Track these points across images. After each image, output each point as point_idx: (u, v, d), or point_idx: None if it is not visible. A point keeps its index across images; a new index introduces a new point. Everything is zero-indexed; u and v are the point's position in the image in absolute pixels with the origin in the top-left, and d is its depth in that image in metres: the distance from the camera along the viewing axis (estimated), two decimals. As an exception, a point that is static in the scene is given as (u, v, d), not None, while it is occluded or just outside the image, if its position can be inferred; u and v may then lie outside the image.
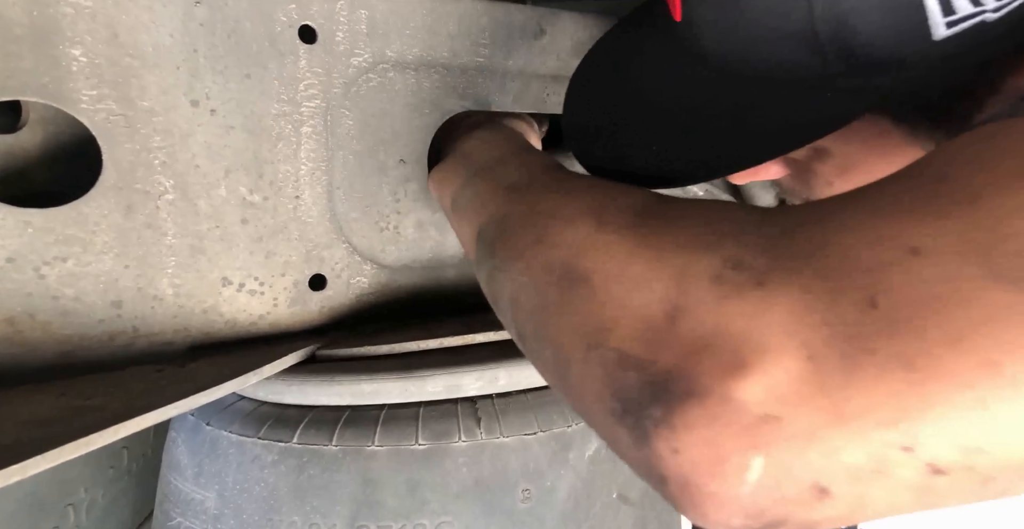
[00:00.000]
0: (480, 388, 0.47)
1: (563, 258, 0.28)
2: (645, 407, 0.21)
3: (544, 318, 0.28)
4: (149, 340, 0.44)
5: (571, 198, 0.33)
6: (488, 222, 0.36)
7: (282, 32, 0.45)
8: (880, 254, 0.20)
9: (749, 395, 0.20)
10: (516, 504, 0.44)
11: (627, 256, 0.26)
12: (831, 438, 0.19)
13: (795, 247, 0.22)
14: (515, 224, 0.34)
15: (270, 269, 0.48)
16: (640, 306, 0.23)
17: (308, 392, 0.46)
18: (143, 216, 0.43)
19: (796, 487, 0.20)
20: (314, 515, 0.43)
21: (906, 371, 0.19)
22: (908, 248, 0.20)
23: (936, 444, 0.19)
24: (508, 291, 0.32)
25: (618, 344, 0.23)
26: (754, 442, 0.20)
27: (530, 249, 0.30)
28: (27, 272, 0.40)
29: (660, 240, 0.25)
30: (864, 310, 0.19)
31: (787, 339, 0.20)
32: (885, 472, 0.19)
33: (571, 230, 0.29)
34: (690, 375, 0.21)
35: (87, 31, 0.39)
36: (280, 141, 0.47)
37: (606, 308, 0.25)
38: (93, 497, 0.62)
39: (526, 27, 0.54)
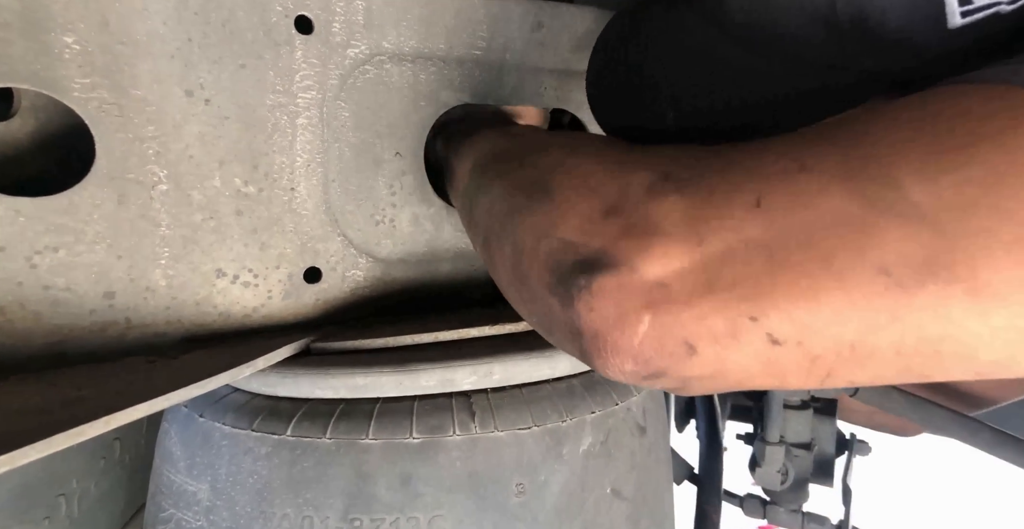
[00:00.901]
0: (474, 382, 0.46)
1: (538, 175, 0.34)
2: (573, 278, 0.27)
3: (509, 218, 0.34)
4: (141, 331, 0.44)
5: (555, 137, 0.40)
6: (487, 153, 0.43)
7: (278, 22, 0.45)
8: (774, 166, 0.26)
9: (648, 267, 0.25)
10: (510, 498, 0.44)
11: (588, 173, 0.31)
12: (701, 304, 0.25)
13: (712, 162, 0.28)
14: (509, 154, 0.40)
15: (265, 261, 0.48)
16: (587, 206, 0.29)
17: (302, 385, 0.46)
18: (136, 206, 0.42)
19: (672, 342, 0.25)
20: (307, 508, 0.42)
21: (766, 259, 0.24)
22: (798, 165, 0.25)
23: (775, 318, 0.24)
24: (487, 201, 0.38)
25: (562, 234, 0.29)
26: (647, 303, 0.25)
27: (513, 171, 0.37)
28: (18, 261, 0.39)
29: (618, 162, 0.31)
30: (748, 208, 0.25)
31: (686, 227, 0.26)
32: (736, 336, 0.24)
33: (549, 155, 0.36)
34: (611, 253, 0.27)
35: (79, 18, 0.39)
36: (275, 132, 0.47)
37: (559, 209, 0.31)
38: (85, 488, 0.62)
39: (524, 20, 0.54)
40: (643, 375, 0.26)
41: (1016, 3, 0.28)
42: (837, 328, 0.23)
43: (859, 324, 0.23)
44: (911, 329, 0.23)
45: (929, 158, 0.23)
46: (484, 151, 0.44)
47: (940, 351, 0.23)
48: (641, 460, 0.53)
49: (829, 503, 1.03)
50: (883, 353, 0.23)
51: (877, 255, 0.22)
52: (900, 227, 0.22)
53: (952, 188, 0.22)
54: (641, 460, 0.53)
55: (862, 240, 0.23)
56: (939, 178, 0.22)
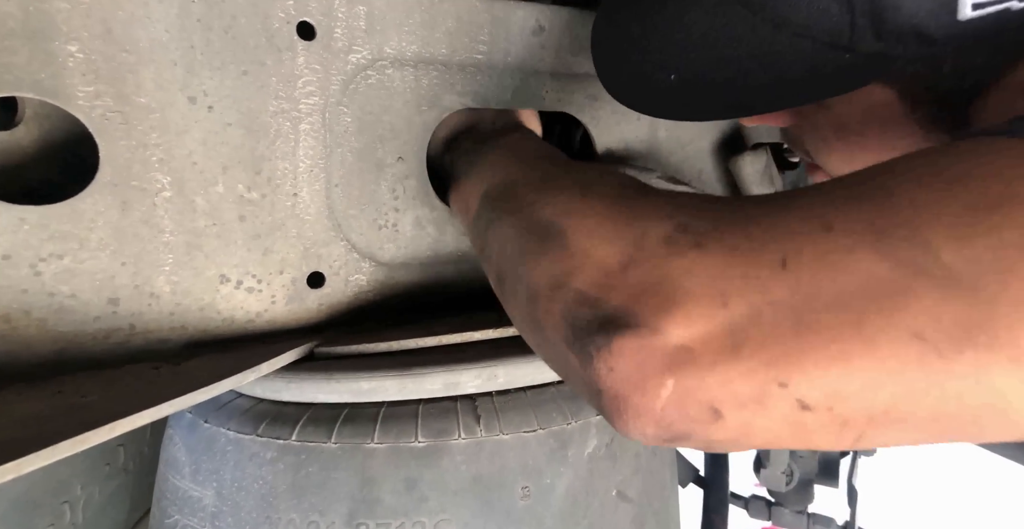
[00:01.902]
0: (479, 386, 0.46)
1: (549, 216, 0.33)
2: (592, 335, 0.26)
3: (523, 261, 0.33)
4: (146, 337, 0.44)
5: (568, 172, 0.39)
6: (496, 184, 0.42)
7: (280, 28, 0.45)
8: (799, 226, 0.25)
9: (672, 329, 0.25)
10: (515, 502, 0.44)
11: (602, 218, 0.31)
12: (727, 370, 0.24)
13: (734, 216, 0.27)
14: (519, 188, 0.39)
15: (268, 266, 0.48)
16: (602, 257, 0.29)
17: (307, 389, 0.46)
18: (140, 213, 0.43)
19: (696, 407, 0.24)
20: (312, 513, 0.42)
21: (793, 322, 0.23)
22: (823, 224, 0.24)
23: (805, 384, 0.23)
24: (499, 239, 0.37)
25: (578, 285, 0.29)
26: (670, 366, 0.24)
27: (526, 208, 0.36)
28: (23, 269, 0.39)
29: (631, 208, 0.31)
30: (774, 268, 0.24)
31: (709, 288, 0.25)
32: (764, 403, 0.23)
33: (562, 196, 0.35)
34: (631, 312, 0.26)
35: (83, 26, 0.39)
36: (278, 138, 0.47)
37: (574, 257, 0.30)
38: (89, 494, 0.62)
39: (525, 23, 0.54)
40: (666, 438, 0.26)
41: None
42: (870, 394, 0.22)
43: (893, 390, 0.22)
44: (950, 397, 0.22)
45: (962, 220, 0.22)
46: (495, 181, 0.42)
47: (980, 417, 0.22)
48: (646, 462, 0.53)
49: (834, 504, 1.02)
50: (918, 419, 0.23)
51: (910, 320, 0.21)
52: (934, 290, 0.21)
53: (989, 251, 0.21)
54: (646, 462, 0.53)
55: (894, 304, 0.22)
56: (974, 241, 0.21)
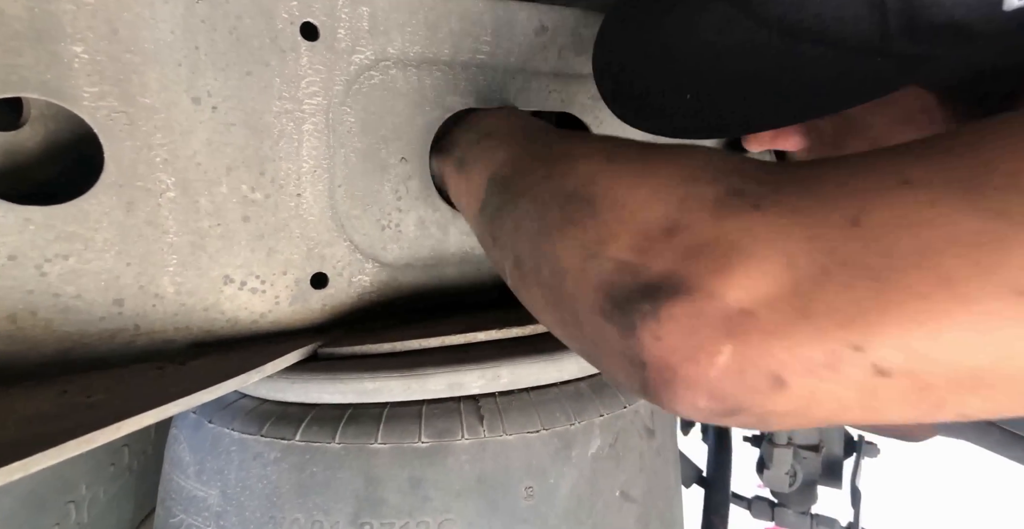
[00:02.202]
0: (482, 386, 0.46)
1: (571, 187, 0.30)
2: (635, 302, 0.24)
3: (544, 237, 0.30)
4: (150, 338, 0.44)
5: (582, 142, 0.35)
6: (498, 168, 0.38)
7: (283, 29, 0.45)
8: (871, 182, 0.22)
9: (730, 292, 0.22)
10: (519, 502, 0.44)
11: (633, 183, 0.28)
12: (794, 333, 0.22)
13: (794, 176, 0.25)
14: (525, 166, 0.36)
15: (271, 267, 0.48)
16: (641, 222, 0.26)
17: (310, 390, 0.46)
18: (144, 213, 0.43)
19: (757, 375, 0.22)
20: (317, 512, 0.42)
21: (871, 280, 0.21)
22: (900, 179, 0.22)
23: (883, 346, 0.21)
24: (512, 221, 0.34)
25: (615, 253, 0.26)
26: (728, 332, 0.22)
27: (541, 182, 0.33)
28: (28, 269, 0.40)
29: (667, 170, 0.28)
30: (845, 228, 0.22)
31: (772, 248, 0.22)
32: (836, 367, 0.21)
33: (582, 164, 0.31)
34: (680, 276, 0.24)
35: (88, 27, 0.39)
36: (282, 139, 0.47)
37: (608, 224, 0.27)
38: (94, 494, 0.62)
39: (528, 24, 0.54)
40: (718, 411, 0.24)
41: None
42: (959, 356, 0.20)
43: (989, 351, 0.20)
44: None
45: None
46: (499, 160, 0.39)
47: None
48: (650, 462, 0.53)
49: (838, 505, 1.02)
50: (1012, 382, 0.21)
51: (1011, 274, 0.19)
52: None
53: None
54: (650, 462, 0.53)
55: (991, 258, 0.20)
56: None
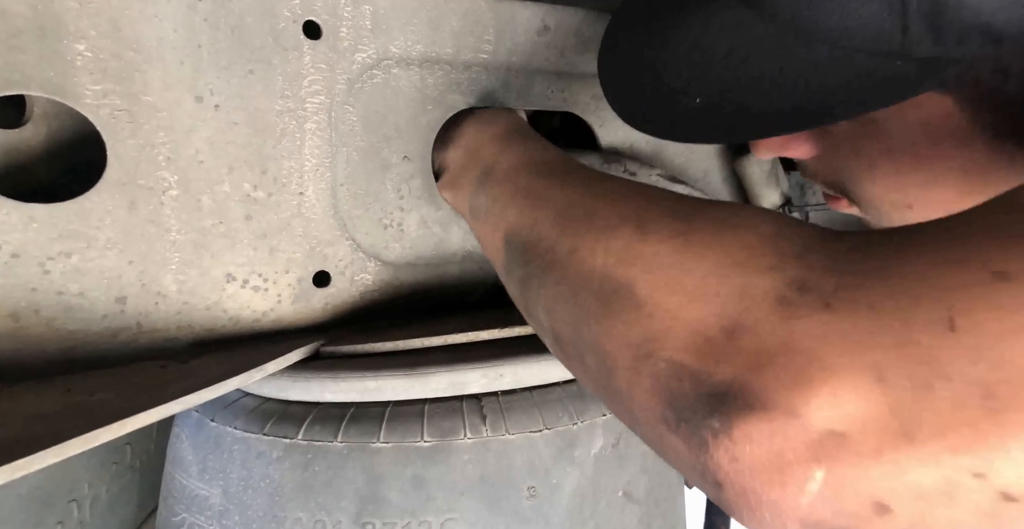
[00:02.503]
0: (485, 385, 0.46)
1: (603, 268, 0.28)
2: (703, 417, 0.22)
3: (586, 325, 0.28)
4: (152, 336, 0.44)
5: (605, 202, 0.32)
6: (516, 228, 0.36)
7: (286, 28, 0.45)
8: (960, 275, 0.19)
9: (815, 411, 0.20)
10: (521, 501, 0.44)
11: (677, 268, 0.25)
12: (898, 459, 0.19)
13: (865, 265, 0.22)
14: (547, 230, 0.33)
15: (274, 266, 0.48)
16: (695, 319, 0.23)
17: (313, 389, 0.46)
18: (147, 212, 0.43)
19: (857, 502, 0.20)
20: (319, 511, 0.42)
21: (984, 399, 0.18)
22: (992, 271, 0.19)
23: (1011, 473, 0.18)
24: (544, 300, 0.31)
25: (671, 355, 0.23)
26: (817, 456, 0.20)
27: (568, 257, 0.30)
28: (31, 267, 0.40)
29: (714, 253, 0.25)
30: (940, 332, 0.19)
31: (856, 358, 0.20)
32: (953, 495, 0.19)
33: (611, 238, 0.28)
34: (752, 388, 0.21)
35: (91, 25, 0.39)
36: (284, 137, 0.47)
37: (655, 319, 0.24)
38: (97, 493, 0.62)
39: (530, 23, 0.54)
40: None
41: None
42: None
43: None
44: None
45: None
46: (511, 219, 0.36)
47: None
48: (652, 463, 0.52)
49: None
50: None
51: None
52: None
53: None
54: (652, 463, 0.52)
55: None
56: None
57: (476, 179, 0.43)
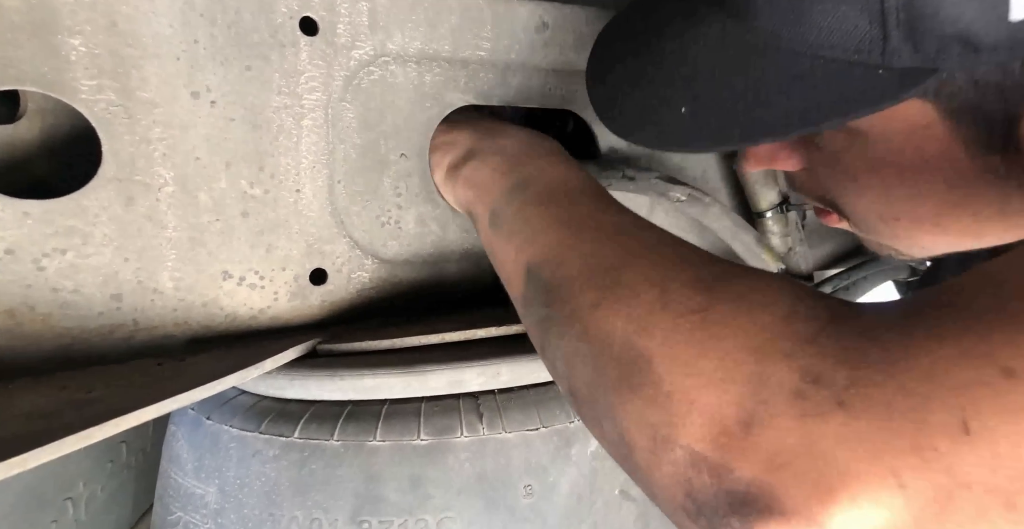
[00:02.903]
0: (482, 383, 0.46)
1: (624, 333, 0.28)
2: (723, 515, 0.22)
3: (603, 395, 0.28)
4: (149, 333, 0.44)
5: (633, 258, 0.32)
6: (541, 262, 0.36)
7: (283, 24, 0.45)
8: (969, 372, 0.20)
9: (836, 520, 0.20)
10: (518, 500, 0.44)
11: (696, 347, 0.25)
12: None
13: (875, 356, 0.22)
14: (572, 276, 0.33)
15: (271, 263, 0.48)
16: (712, 405, 0.24)
17: (310, 387, 0.45)
18: (143, 208, 0.42)
19: None
20: (316, 510, 0.42)
21: (1006, 510, 0.18)
22: (1000, 368, 0.19)
23: None
24: (563, 352, 0.32)
25: (689, 442, 0.24)
26: None
27: (589, 313, 0.30)
28: (26, 264, 0.39)
29: (732, 335, 0.25)
30: (956, 437, 0.19)
31: (875, 465, 0.20)
32: None
33: (634, 302, 0.29)
34: (772, 492, 0.21)
35: (86, 20, 0.39)
36: (281, 134, 0.47)
37: (673, 401, 0.25)
38: (92, 491, 0.62)
39: (528, 20, 0.54)
40: None
41: None
42: None
43: None
44: None
45: None
46: (540, 246, 0.36)
47: None
48: (649, 461, 0.52)
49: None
50: None
51: None
52: None
53: None
54: (649, 461, 0.52)
55: None
56: None
57: (508, 187, 0.42)
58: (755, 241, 0.65)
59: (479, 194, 0.45)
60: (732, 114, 0.35)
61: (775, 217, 0.69)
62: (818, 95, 0.32)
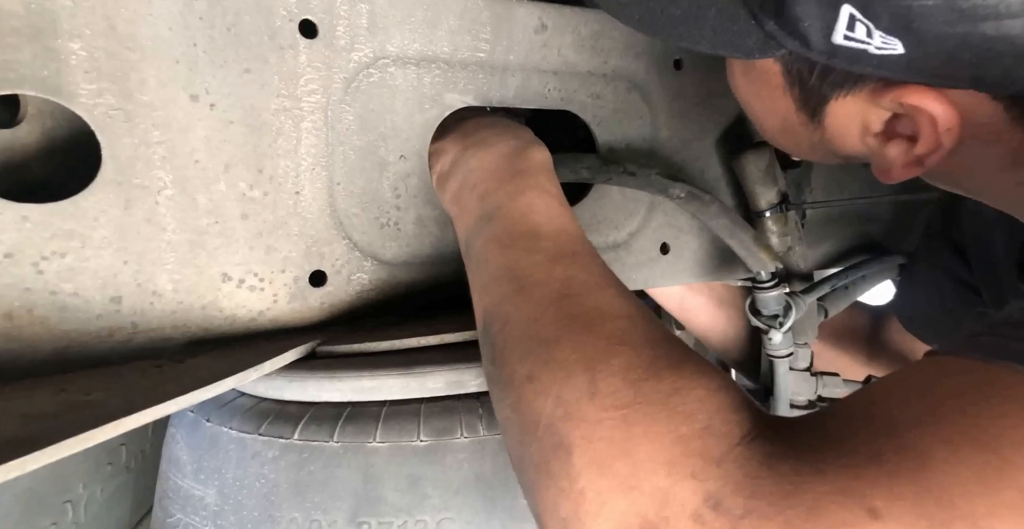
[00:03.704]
0: (481, 384, 0.46)
1: (551, 416, 0.29)
2: None
3: (525, 472, 0.30)
4: (148, 336, 0.44)
5: (570, 333, 0.33)
6: (491, 315, 0.37)
7: (282, 26, 0.45)
8: (842, 511, 0.22)
9: None
10: (517, 500, 0.44)
11: (615, 447, 0.27)
12: None
13: (769, 488, 0.24)
14: (514, 340, 0.34)
15: (270, 265, 0.48)
16: (619, 513, 0.25)
17: (309, 388, 0.46)
18: (142, 211, 0.43)
19: None
20: (315, 511, 0.42)
21: None
22: (867, 509, 0.22)
23: None
24: (500, 412, 0.34)
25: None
26: None
27: (523, 385, 0.32)
28: (25, 267, 0.39)
29: (648, 442, 0.27)
30: None
31: None
32: None
33: (564, 385, 0.30)
34: None
35: (85, 24, 0.39)
36: (280, 136, 0.47)
37: (586, 499, 0.26)
38: (91, 493, 0.62)
39: (527, 22, 0.54)
40: None
41: (883, 50, 0.32)
42: None
43: None
44: None
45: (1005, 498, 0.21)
46: (493, 308, 0.38)
47: None
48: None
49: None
50: None
51: None
52: None
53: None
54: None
55: None
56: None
57: (479, 215, 0.44)
58: (752, 240, 0.65)
59: (458, 214, 0.47)
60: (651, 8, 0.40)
61: (774, 216, 0.69)
62: (708, 16, 0.38)
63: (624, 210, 0.65)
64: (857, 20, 0.32)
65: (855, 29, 0.32)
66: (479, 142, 0.50)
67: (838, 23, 0.32)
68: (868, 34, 0.32)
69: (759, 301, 0.68)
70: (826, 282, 0.74)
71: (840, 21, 0.32)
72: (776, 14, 0.35)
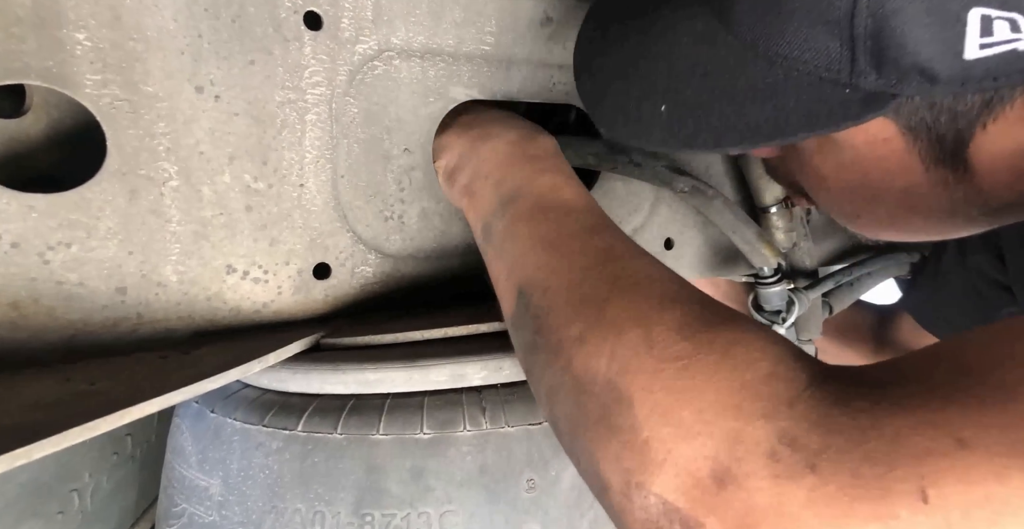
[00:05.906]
0: (485, 378, 0.46)
1: (607, 372, 0.28)
2: None
3: (583, 431, 0.29)
4: (153, 326, 0.44)
5: (619, 291, 0.32)
6: (530, 286, 0.36)
7: (287, 18, 0.45)
8: (928, 442, 0.21)
9: None
10: (520, 493, 0.44)
11: (676, 396, 0.26)
12: None
13: (845, 424, 0.23)
14: (559, 305, 0.33)
15: (274, 257, 0.48)
16: (687, 458, 0.24)
17: (313, 380, 0.46)
18: (147, 202, 0.43)
19: None
20: (318, 502, 0.43)
21: None
22: (955, 439, 0.21)
23: None
24: (547, 382, 0.32)
25: (662, 491, 0.24)
26: None
27: (573, 346, 0.31)
28: (31, 257, 0.40)
29: (713, 389, 0.26)
30: (915, 505, 0.20)
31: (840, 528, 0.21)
32: None
33: (617, 341, 0.29)
34: None
35: (91, 14, 0.39)
36: (284, 128, 0.47)
37: (650, 448, 0.25)
38: (97, 483, 0.63)
39: (532, 14, 0.54)
40: None
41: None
42: None
43: None
44: None
45: None
46: (530, 278, 0.36)
47: None
48: (651, 456, 0.53)
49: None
50: None
51: None
52: None
53: None
54: (651, 456, 0.53)
55: None
56: None
57: (499, 200, 0.43)
58: (756, 236, 0.65)
59: (472, 204, 0.46)
60: (706, 118, 0.36)
61: (779, 212, 0.69)
62: (788, 107, 0.33)
63: (628, 205, 0.65)
64: (994, 19, 0.27)
65: (993, 31, 0.28)
66: (485, 134, 0.50)
67: (967, 35, 0.28)
68: (1014, 28, 0.28)
69: (762, 297, 0.68)
70: (830, 278, 0.74)
71: (970, 31, 0.28)
72: (877, 66, 0.31)
